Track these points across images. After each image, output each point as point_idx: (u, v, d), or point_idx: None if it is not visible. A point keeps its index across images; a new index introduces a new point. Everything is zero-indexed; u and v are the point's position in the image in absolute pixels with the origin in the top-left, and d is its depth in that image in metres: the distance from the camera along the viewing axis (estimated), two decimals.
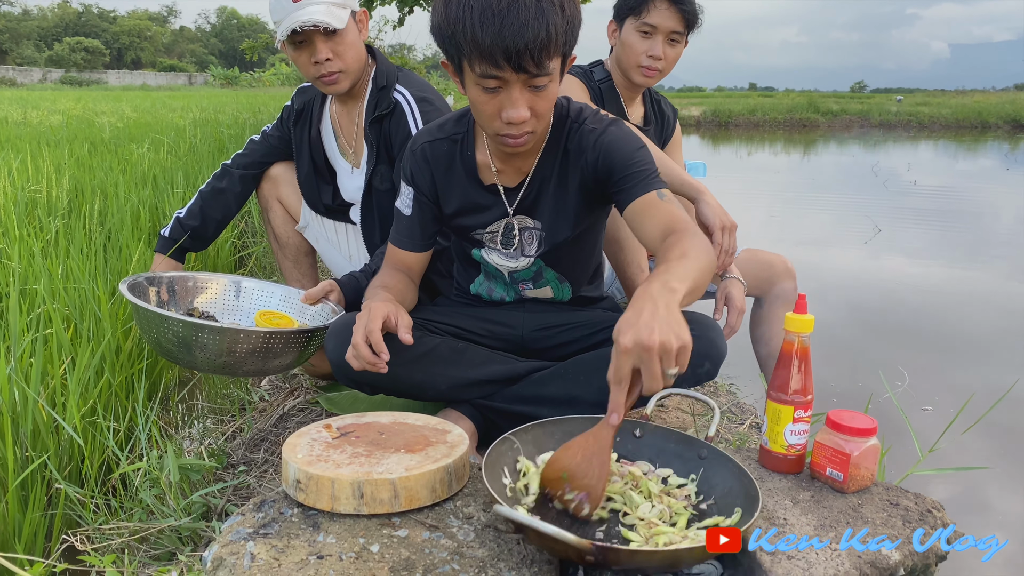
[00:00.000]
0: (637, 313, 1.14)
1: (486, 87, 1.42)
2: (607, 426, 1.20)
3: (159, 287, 1.99)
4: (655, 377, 1.10)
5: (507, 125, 1.46)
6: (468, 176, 1.69)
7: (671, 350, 1.10)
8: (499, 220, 1.72)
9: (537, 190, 1.68)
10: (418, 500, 1.23)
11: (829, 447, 1.29)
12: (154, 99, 20.87)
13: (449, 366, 1.72)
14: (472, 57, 1.38)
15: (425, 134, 1.71)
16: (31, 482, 1.76)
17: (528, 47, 1.33)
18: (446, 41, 1.43)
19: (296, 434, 1.37)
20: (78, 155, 5.83)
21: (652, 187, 1.53)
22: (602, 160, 1.58)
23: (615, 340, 1.13)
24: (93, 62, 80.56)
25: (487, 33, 1.33)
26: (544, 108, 1.47)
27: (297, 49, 2.03)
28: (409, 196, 1.72)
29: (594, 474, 1.20)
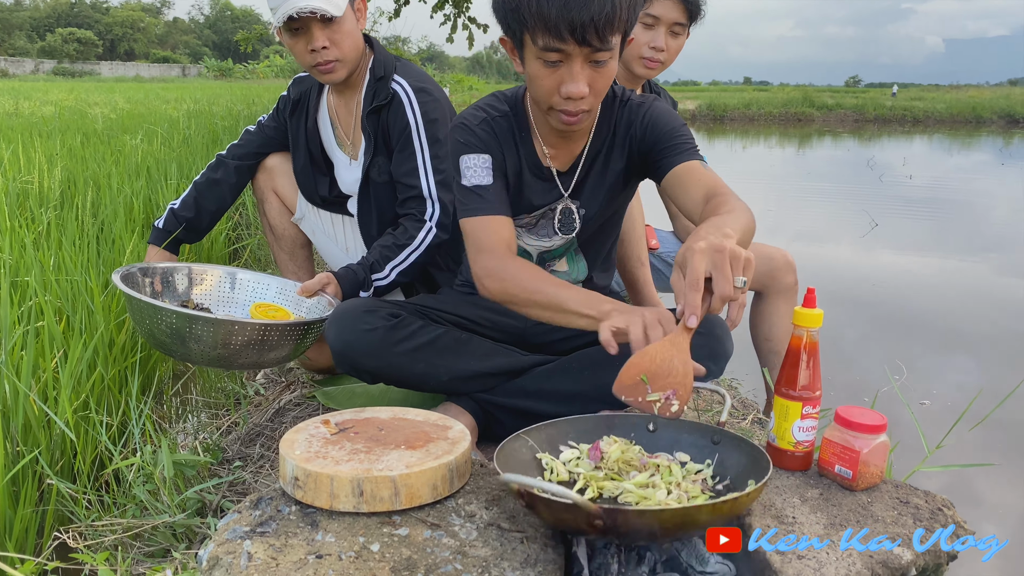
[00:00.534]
0: (703, 237, 1.19)
1: (548, 60, 1.43)
2: (684, 329, 1.21)
3: (153, 278, 1.95)
4: (727, 279, 1.13)
5: (565, 100, 1.47)
6: (525, 157, 1.68)
7: (740, 257, 1.15)
8: (548, 204, 1.72)
9: (588, 170, 1.70)
10: (419, 498, 1.20)
11: (838, 444, 1.27)
12: (147, 90, 20.75)
13: (452, 357, 1.70)
14: (536, 29, 1.39)
15: (480, 110, 1.67)
16: (22, 478, 1.72)
17: (593, 20, 1.35)
18: (509, 15, 1.44)
19: (294, 430, 1.34)
20: (70, 146, 5.77)
21: (695, 156, 1.57)
22: (649, 131, 1.62)
23: (685, 249, 1.17)
24: (86, 53, 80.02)
25: (553, 5, 1.35)
26: (602, 85, 1.48)
27: (294, 36, 1.99)
28: (485, 164, 1.62)
29: (678, 371, 1.20)
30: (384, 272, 2.02)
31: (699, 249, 1.15)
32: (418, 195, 2.04)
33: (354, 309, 1.69)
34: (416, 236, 2.03)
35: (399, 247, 2.03)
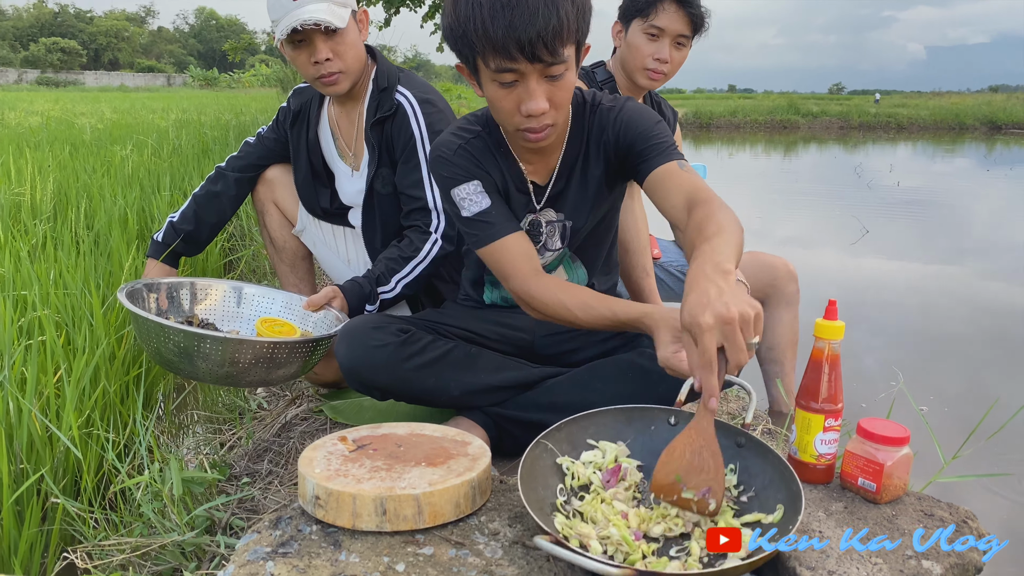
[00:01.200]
0: (703, 294, 1.13)
1: (503, 82, 1.41)
2: (706, 413, 1.17)
3: (158, 293, 1.93)
4: (740, 349, 1.09)
5: (527, 119, 1.44)
6: (507, 172, 1.65)
7: (749, 319, 1.10)
8: (524, 217, 1.69)
9: (565, 181, 1.67)
10: (442, 516, 1.19)
11: (861, 456, 1.26)
12: (133, 100, 20.65)
13: (462, 371, 1.68)
14: (486, 52, 1.37)
15: (453, 136, 1.64)
16: (26, 497, 1.69)
17: (540, 35, 1.32)
18: (458, 41, 1.41)
19: (311, 447, 1.32)
20: (59, 157, 5.72)
21: (672, 157, 1.53)
22: (623, 134, 1.58)
23: (692, 324, 1.11)
24: (70, 63, 79.61)
25: (498, 26, 1.33)
26: (563, 98, 1.45)
27: (296, 48, 1.98)
28: (476, 189, 1.61)
29: (710, 466, 1.16)
30: (390, 285, 2.01)
31: (707, 327, 1.09)
32: (423, 207, 2.02)
33: (363, 326, 1.67)
34: (421, 248, 2.01)
35: (404, 260, 2.01)
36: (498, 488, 1.35)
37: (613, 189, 1.70)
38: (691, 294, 1.15)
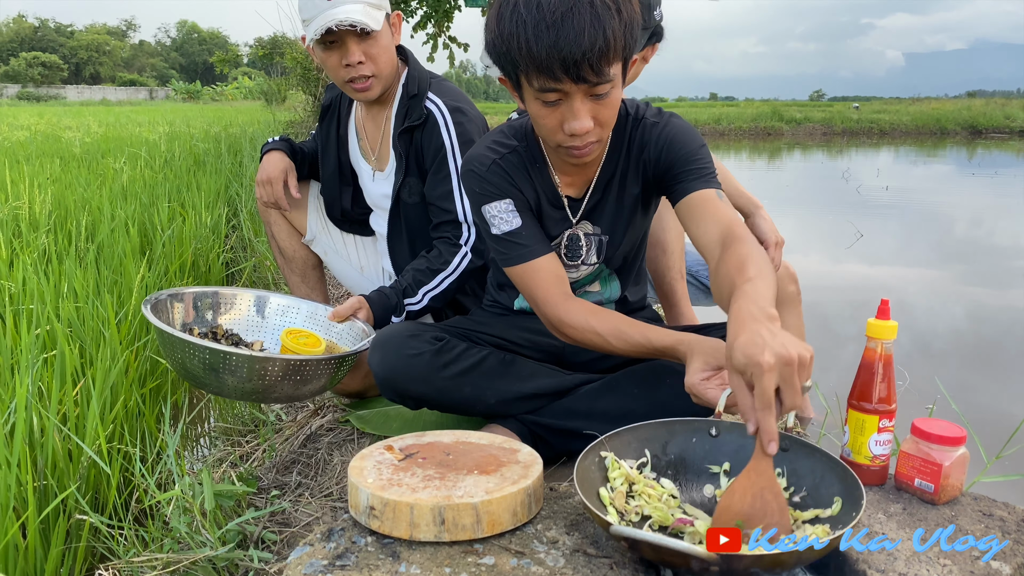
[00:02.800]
0: (756, 335, 1.08)
1: (546, 100, 1.37)
2: (765, 458, 1.11)
3: (183, 303, 1.89)
4: (797, 391, 1.05)
5: (570, 137, 1.40)
6: (541, 188, 1.61)
7: (806, 362, 1.05)
8: (563, 232, 1.66)
9: (601, 195, 1.63)
10: (500, 525, 1.16)
11: (918, 457, 1.25)
12: (117, 114, 20.54)
13: (498, 379, 1.66)
14: (529, 71, 1.33)
15: (487, 151, 1.60)
16: (53, 514, 1.66)
17: (586, 56, 1.27)
18: (501, 57, 1.37)
19: (358, 457, 1.30)
20: (53, 171, 5.66)
21: (711, 185, 1.49)
22: (665, 152, 1.54)
23: (750, 363, 1.05)
24: (51, 77, 79.09)
25: (542, 45, 1.28)
26: (608, 116, 1.41)
27: (328, 50, 1.94)
28: (508, 208, 1.57)
29: (773, 508, 1.11)
30: (417, 297, 1.98)
31: (768, 367, 1.04)
32: (453, 219, 1.99)
33: (398, 335, 1.65)
34: (451, 261, 1.98)
35: (433, 272, 1.98)
36: (548, 496, 1.33)
37: (649, 206, 1.67)
38: (742, 335, 1.10)
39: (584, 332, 1.51)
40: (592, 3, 1.27)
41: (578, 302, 1.56)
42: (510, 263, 1.58)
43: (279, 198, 2.22)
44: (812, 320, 2.53)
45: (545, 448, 1.69)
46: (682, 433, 1.36)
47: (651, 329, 1.47)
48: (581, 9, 1.27)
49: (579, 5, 1.26)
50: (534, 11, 1.27)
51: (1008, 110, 26.63)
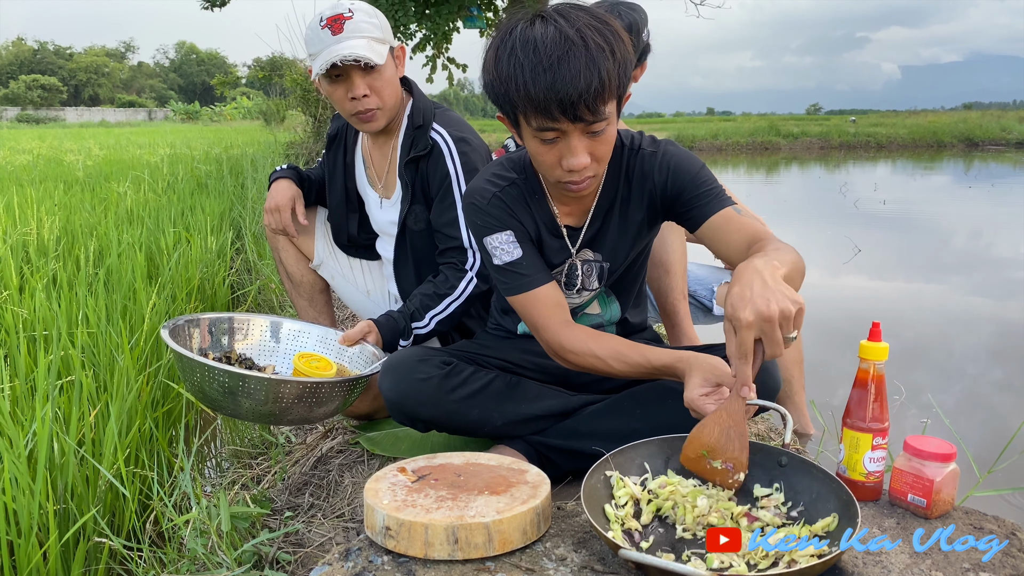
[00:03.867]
0: (747, 286, 1.17)
1: (544, 139, 1.43)
2: (738, 399, 1.24)
3: (199, 329, 1.95)
4: (777, 343, 1.15)
5: (568, 173, 1.46)
6: (540, 219, 1.67)
7: (790, 316, 1.14)
8: (562, 261, 1.72)
9: (601, 223, 1.68)
10: (510, 543, 1.21)
11: (910, 473, 1.30)
12: (117, 136, 20.66)
13: (504, 401, 1.71)
14: (528, 112, 1.39)
15: (487, 184, 1.66)
16: (72, 538, 1.70)
17: (582, 97, 1.33)
18: (500, 98, 1.44)
19: (373, 479, 1.35)
20: (58, 195, 5.73)
21: (726, 203, 1.56)
22: (672, 180, 1.59)
23: (732, 316, 1.16)
24: (50, 99, 79.52)
25: (540, 87, 1.34)
26: (604, 152, 1.47)
27: (333, 83, 2.01)
28: (509, 239, 1.64)
29: (735, 445, 1.25)
30: (424, 321, 2.03)
31: (746, 324, 1.14)
32: (458, 246, 2.05)
33: (408, 359, 1.70)
34: (457, 286, 2.04)
35: (439, 296, 2.04)
36: (556, 515, 1.38)
37: (652, 230, 1.73)
38: (736, 285, 1.20)
39: (584, 356, 1.57)
40: (587, 45, 1.33)
41: (578, 328, 1.62)
42: (512, 292, 1.64)
43: (287, 225, 2.29)
44: (812, 336, 2.59)
45: (552, 468, 1.74)
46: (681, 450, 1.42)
47: (650, 350, 1.53)
48: (576, 52, 1.33)
49: (574, 48, 1.32)
50: (531, 54, 1.34)
51: (1004, 122, 26.78)
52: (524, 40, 1.35)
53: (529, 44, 1.34)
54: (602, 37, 1.35)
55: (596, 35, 1.34)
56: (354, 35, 1.94)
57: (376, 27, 2.00)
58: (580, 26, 1.35)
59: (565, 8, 1.40)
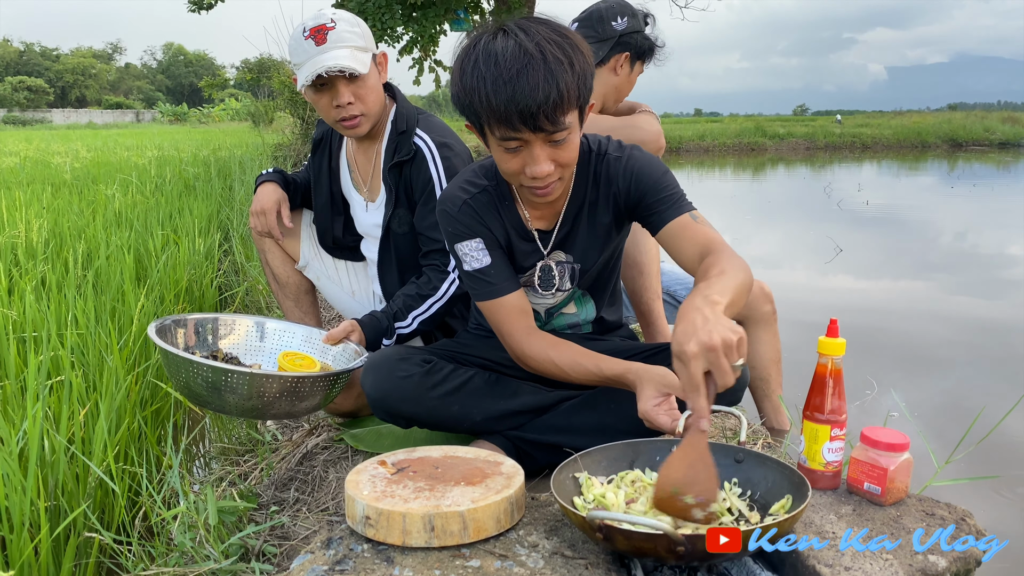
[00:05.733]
0: (691, 324, 1.23)
1: (508, 148, 1.49)
2: (699, 433, 1.26)
3: (185, 329, 2.00)
4: (725, 372, 1.19)
5: (532, 179, 1.53)
6: (511, 224, 1.74)
7: (732, 344, 1.19)
8: (532, 264, 1.78)
9: (570, 226, 1.75)
10: (485, 531, 1.27)
11: (866, 462, 1.37)
12: (104, 138, 20.59)
13: (484, 398, 1.77)
14: (491, 122, 1.46)
15: (459, 191, 1.73)
16: (63, 533, 1.75)
17: (541, 108, 1.40)
18: (465, 109, 1.51)
19: (354, 471, 1.40)
20: (43, 198, 5.75)
21: (684, 210, 1.62)
22: (634, 186, 1.66)
23: (679, 352, 1.21)
24: (37, 101, 79.11)
25: (501, 99, 1.40)
26: (567, 158, 1.53)
27: (318, 92, 2.06)
28: (478, 246, 1.70)
29: (702, 477, 1.25)
30: (407, 321, 2.09)
31: (692, 356, 1.19)
32: (441, 248, 2.10)
33: (389, 358, 1.76)
34: (439, 287, 2.10)
35: (422, 297, 2.10)
36: (529, 505, 1.44)
37: (620, 232, 1.80)
38: (679, 324, 1.26)
39: (543, 363, 1.67)
40: (545, 59, 1.39)
41: (540, 335, 1.70)
42: (480, 298, 1.73)
43: (272, 228, 2.34)
44: (791, 335, 2.66)
45: (529, 461, 1.80)
46: (646, 452, 1.51)
47: (604, 360, 1.62)
48: (535, 65, 1.39)
49: (533, 62, 1.39)
50: (492, 67, 1.40)
51: (988, 123, 27.05)
52: (487, 53, 1.42)
53: (491, 57, 1.41)
54: (560, 50, 1.41)
55: (555, 48, 1.41)
56: (337, 45, 2.00)
57: (359, 36, 2.06)
58: (539, 40, 1.41)
59: (526, 22, 1.46)
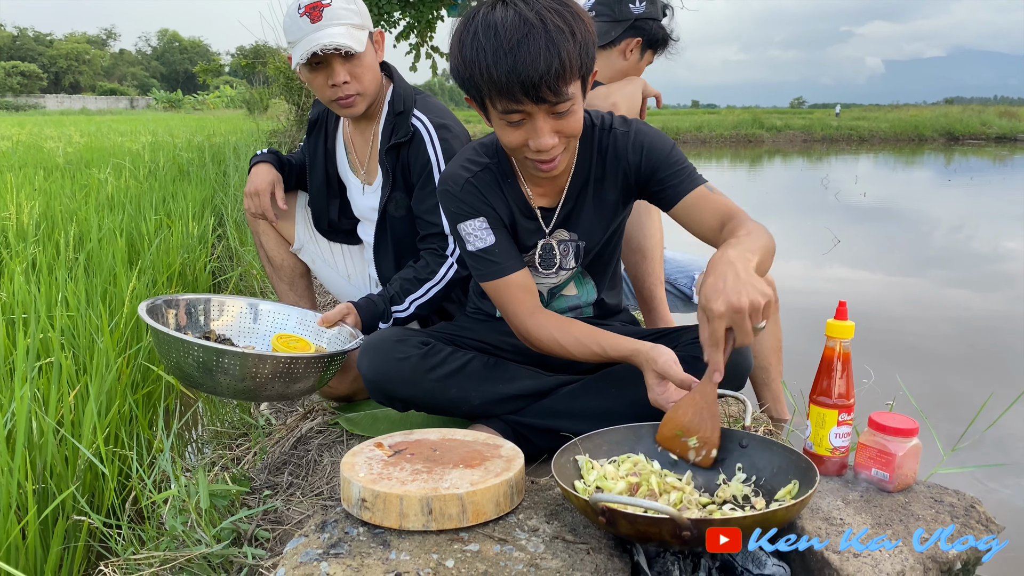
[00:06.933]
0: (721, 278, 1.24)
1: (510, 121, 1.45)
2: (711, 383, 1.31)
3: (177, 310, 1.96)
4: (747, 333, 1.21)
5: (537, 152, 1.49)
6: (514, 202, 1.70)
7: (759, 308, 1.21)
8: (536, 242, 1.74)
9: (574, 203, 1.71)
10: (484, 515, 1.24)
11: (874, 448, 1.34)
12: (99, 123, 20.47)
13: (482, 381, 1.74)
14: (492, 94, 1.42)
15: (461, 169, 1.68)
16: (52, 515, 1.72)
17: (543, 78, 1.36)
18: (465, 83, 1.46)
19: (350, 453, 1.37)
20: (35, 181, 5.69)
21: (699, 182, 1.60)
22: (645, 160, 1.63)
23: (705, 307, 1.23)
24: (30, 86, 78.61)
25: (501, 70, 1.36)
26: (572, 129, 1.49)
27: (313, 71, 2.01)
28: (482, 226, 1.66)
29: (708, 424, 1.33)
30: (404, 305, 2.05)
31: (718, 314, 1.21)
32: (439, 232, 2.06)
33: (386, 339, 1.72)
34: (437, 271, 2.06)
35: (420, 281, 2.05)
36: (529, 488, 1.40)
37: (625, 208, 1.76)
38: (709, 276, 1.27)
39: (547, 342, 1.63)
40: (546, 28, 1.35)
41: (545, 314, 1.66)
42: (484, 278, 1.68)
43: (266, 209, 2.29)
44: (792, 324, 2.63)
45: (528, 446, 1.77)
46: (648, 436, 1.47)
47: (608, 340, 1.59)
48: (536, 34, 1.35)
49: (534, 31, 1.35)
50: (492, 38, 1.36)
51: (984, 117, 27.07)
52: (486, 24, 1.38)
53: (490, 28, 1.37)
54: (561, 19, 1.37)
55: (555, 17, 1.37)
56: (333, 23, 1.95)
57: (354, 13, 2.01)
58: (539, 8, 1.37)
59: None
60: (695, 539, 1.10)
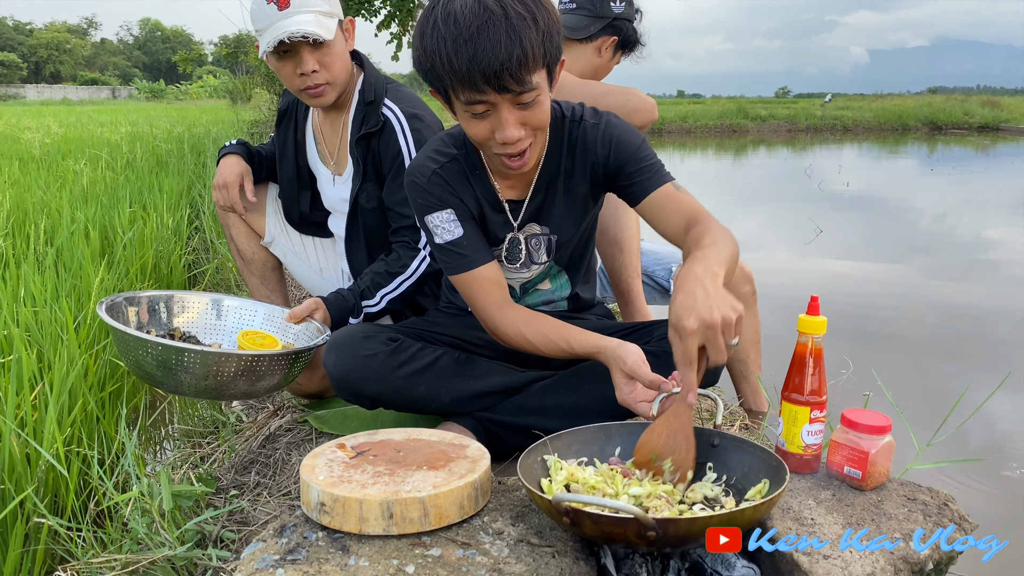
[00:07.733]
0: (690, 296, 1.21)
1: (474, 113, 1.42)
2: (685, 405, 1.27)
3: (138, 307, 1.91)
4: (720, 350, 1.19)
5: (503, 145, 1.45)
6: (482, 195, 1.66)
7: (731, 323, 1.18)
8: (505, 235, 1.70)
9: (543, 196, 1.67)
10: (447, 518, 1.21)
11: (846, 446, 1.31)
12: (79, 113, 20.22)
13: (452, 378, 1.70)
14: (454, 85, 1.38)
15: (428, 160, 1.64)
16: (9, 517, 1.67)
17: (505, 66, 1.32)
18: (428, 74, 1.42)
19: (311, 455, 1.33)
20: (9, 173, 5.60)
21: (666, 179, 1.57)
22: (613, 154, 1.59)
23: (677, 325, 1.20)
24: (9, 76, 77.69)
25: (462, 59, 1.32)
26: (538, 121, 1.46)
27: (281, 59, 1.96)
28: (450, 218, 1.62)
29: (682, 446, 1.29)
30: (375, 299, 2.01)
31: (690, 332, 1.18)
32: (411, 224, 2.01)
33: (353, 336, 1.68)
34: (409, 265, 2.01)
35: (392, 275, 2.01)
36: (496, 489, 1.37)
37: (597, 202, 1.73)
38: (679, 294, 1.23)
39: (515, 338, 1.60)
40: (507, 15, 1.32)
41: (513, 308, 1.63)
42: (452, 271, 1.65)
43: (235, 202, 2.24)
44: (771, 315, 2.61)
45: (500, 444, 1.74)
46: (618, 435, 1.44)
47: (575, 335, 1.56)
48: (496, 21, 1.31)
49: (494, 18, 1.31)
50: (451, 27, 1.32)
51: (967, 106, 27.17)
52: (445, 13, 1.34)
53: (450, 17, 1.33)
54: (523, 6, 1.33)
55: (517, 4, 1.33)
56: (301, 9, 1.89)
57: (323, 0, 1.96)
58: None
59: None
60: (661, 540, 1.07)
